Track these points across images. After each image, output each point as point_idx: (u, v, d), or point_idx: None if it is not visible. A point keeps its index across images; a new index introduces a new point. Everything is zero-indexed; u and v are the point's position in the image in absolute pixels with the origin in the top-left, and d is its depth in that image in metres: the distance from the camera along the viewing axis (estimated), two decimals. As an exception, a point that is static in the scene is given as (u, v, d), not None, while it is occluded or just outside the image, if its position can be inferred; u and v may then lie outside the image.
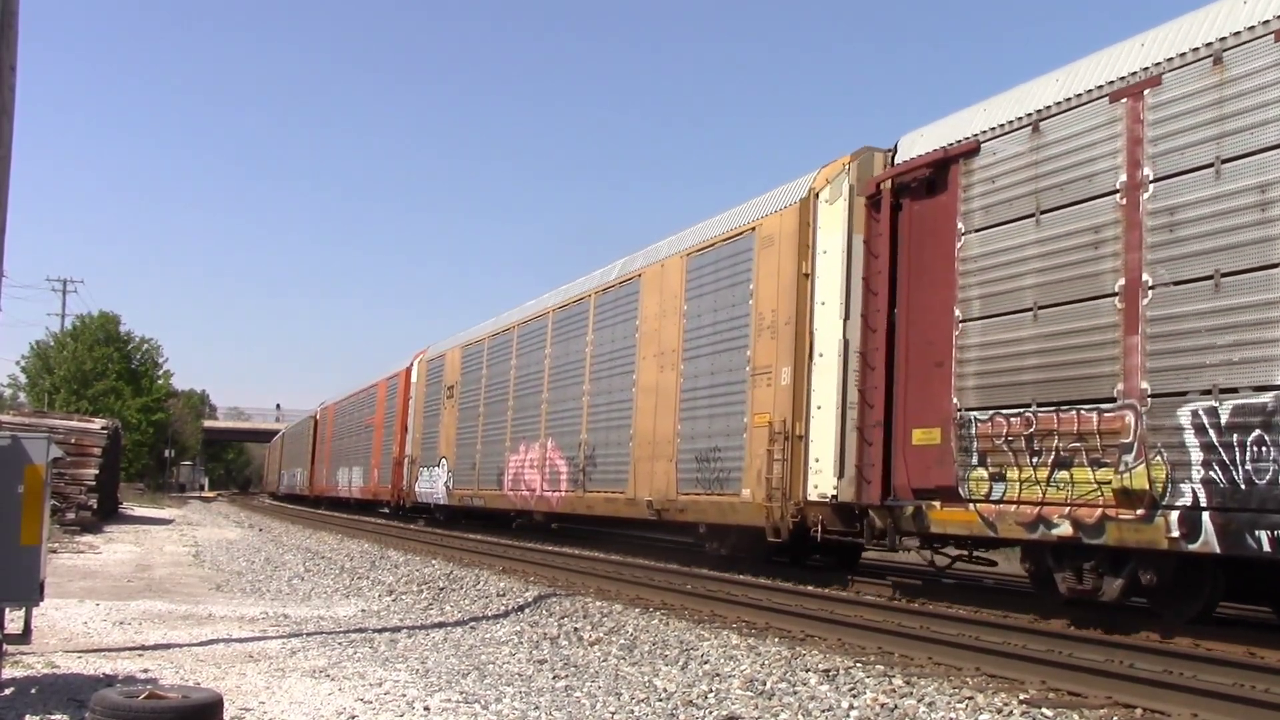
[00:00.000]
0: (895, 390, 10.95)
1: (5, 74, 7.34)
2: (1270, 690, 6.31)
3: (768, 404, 13.05)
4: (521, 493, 21.16)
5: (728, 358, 14.11)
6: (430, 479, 28.13)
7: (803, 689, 6.76)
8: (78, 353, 69.45)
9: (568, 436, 19.11)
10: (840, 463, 11.99)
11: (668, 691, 6.64)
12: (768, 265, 13.40)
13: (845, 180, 12.43)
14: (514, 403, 22.26)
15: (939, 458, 10.24)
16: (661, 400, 15.70)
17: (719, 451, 14.04)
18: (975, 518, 9.78)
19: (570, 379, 19.32)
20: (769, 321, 13.23)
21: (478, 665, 7.45)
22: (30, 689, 5.99)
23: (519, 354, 22.40)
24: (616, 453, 17.05)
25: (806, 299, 12.64)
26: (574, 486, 18.55)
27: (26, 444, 5.81)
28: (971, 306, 10.00)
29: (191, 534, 24.45)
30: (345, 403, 44.03)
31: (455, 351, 27.19)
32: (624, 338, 17.30)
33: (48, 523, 5.96)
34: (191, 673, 6.73)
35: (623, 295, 17.60)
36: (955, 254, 10.24)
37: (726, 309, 14.29)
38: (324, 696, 6.15)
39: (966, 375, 9.97)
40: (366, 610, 10.74)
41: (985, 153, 10.05)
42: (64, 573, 13.43)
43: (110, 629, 8.73)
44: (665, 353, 15.77)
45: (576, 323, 19.39)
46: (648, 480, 15.84)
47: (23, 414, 32.29)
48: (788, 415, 12.59)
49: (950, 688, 6.78)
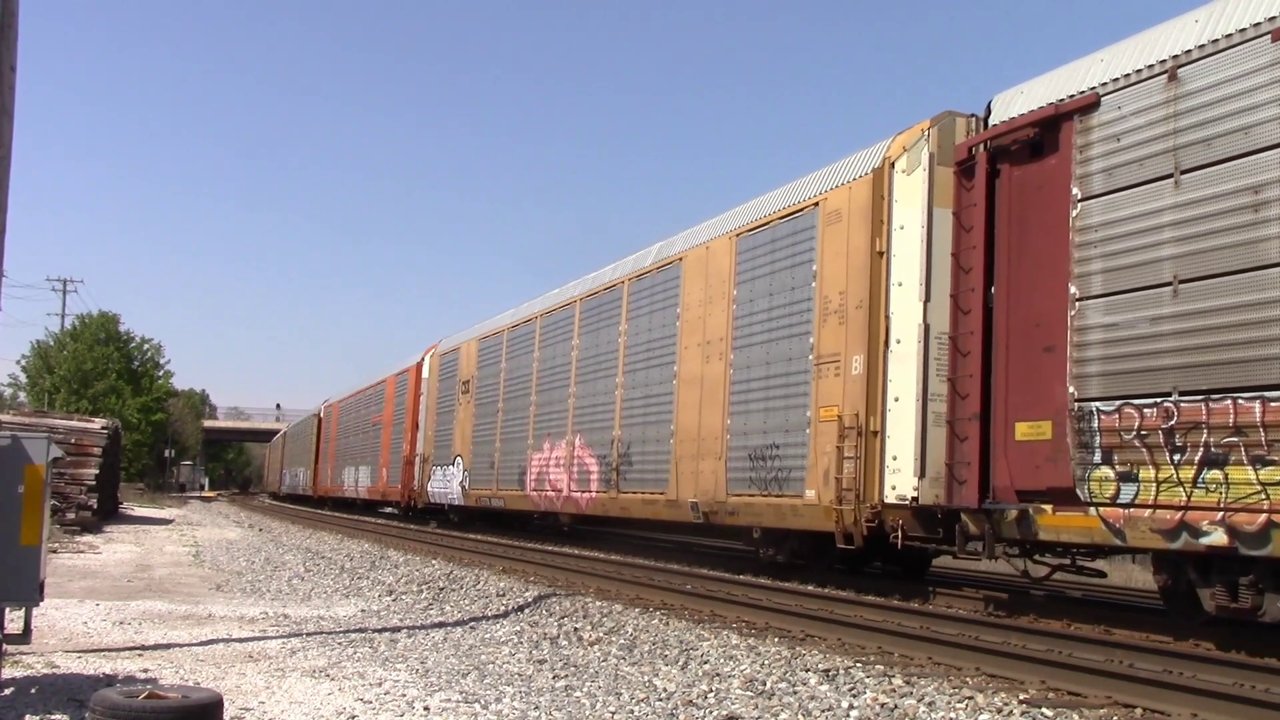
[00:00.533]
0: (993, 379, 9.73)
1: (5, 74, 7.41)
2: (1270, 690, 6.26)
3: (835, 396, 11.83)
4: (546, 493, 19.93)
5: (786, 346, 12.89)
6: (444, 478, 26.90)
7: (803, 689, 6.73)
8: (78, 352, 69.43)
9: (598, 433, 17.89)
10: (921, 461, 10.80)
11: (668, 691, 6.62)
12: (834, 243, 12.18)
13: (924, 148, 11.23)
14: (537, 397, 21.02)
15: (1050, 455, 9.02)
16: (708, 393, 14.48)
17: (776, 449, 12.82)
18: (1097, 523, 8.57)
19: (601, 371, 18.10)
20: (836, 305, 12.01)
21: (478, 665, 7.43)
22: (30, 689, 5.99)
23: (543, 345, 21.16)
24: (655, 450, 15.83)
25: (881, 280, 11.43)
26: (606, 487, 17.33)
27: (26, 444, 5.81)
28: (1092, 282, 8.78)
29: (191, 534, 24.29)
30: (351, 400, 42.76)
31: (471, 344, 25.95)
32: (663, 326, 16.08)
33: (48, 523, 5.94)
34: (191, 673, 6.72)
35: (660, 281, 16.37)
36: (1070, 223, 9.01)
37: (784, 293, 13.07)
38: (324, 696, 6.16)
39: (1086, 361, 8.75)
40: (366, 610, 10.65)
41: (1107, 107, 8.83)
42: (64, 573, 13.35)
43: (110, 629, 8.70)
44: (712, 341, 14.55)
45: (608, 311, 18.16)
46: (692, 480, 14.62)
47: (23, 414, 32.01)
48: (860, 408, 11.37)
49: (950, 687, 6.73)
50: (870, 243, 11.54)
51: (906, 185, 11.34)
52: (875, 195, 11.58)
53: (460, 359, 26.68)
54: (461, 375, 26.39)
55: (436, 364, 29.09)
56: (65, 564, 14.82)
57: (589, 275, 19.86)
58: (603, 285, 18.65)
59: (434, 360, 29.51)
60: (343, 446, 43.50)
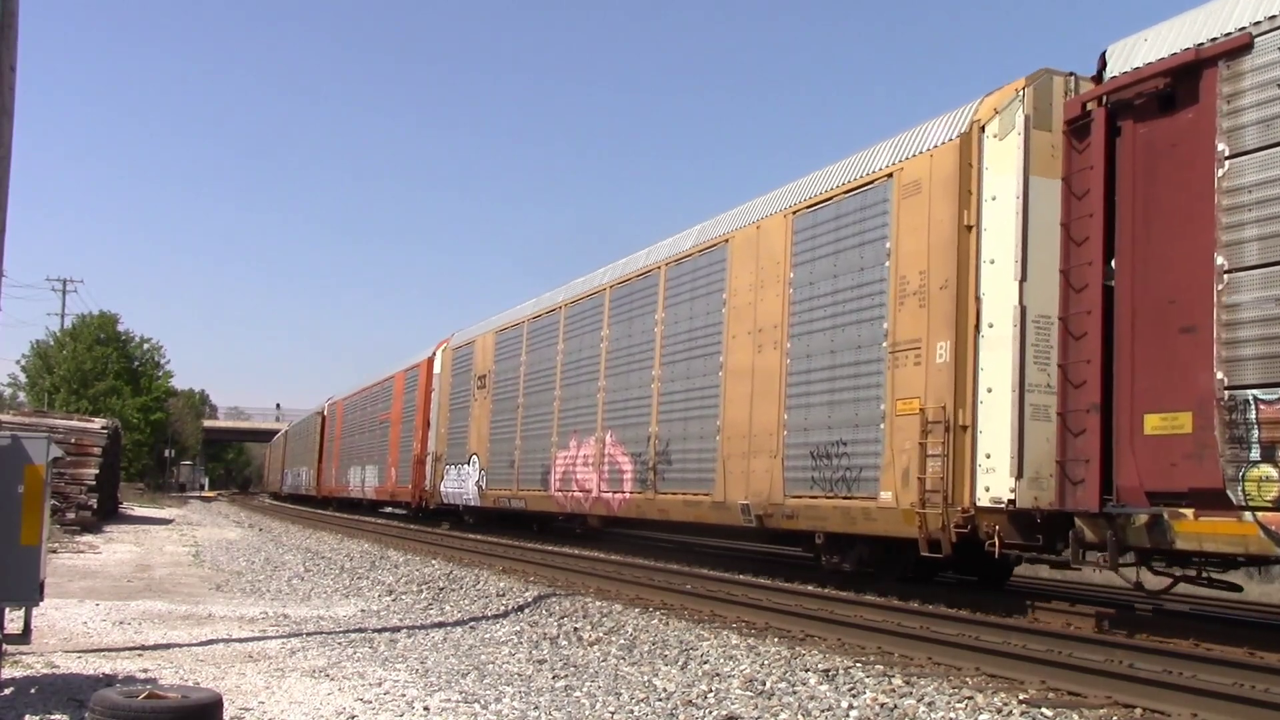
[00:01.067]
0: (1115, 365, 8.54)
1: (5, 74, 7.35)
2: (1270, 690, 6.24)
3: (915, 386, 10.65)
4: (573, 494, 18.73)
5: (854, 332, 11.71)
6: (458, 478, 25.69)
7: (802, 689, 6.71)
8: (77, 352, 69.91)
9: (632, 429, 16.70)
10: (1018, 459, 9.63)
11: (667, 691, 6.60)
12: (912, 218, 11.00)
13: (1019, 110, 10.06)
14: (562, 392, 19.82)
15: (1191, 451, 7.84)
16: (760, 385, 13.29)
17: (843, 446, 11.64)
18: (1254, 530, 7.39)
19: (635, 363, 16.90)
20: (915, 286, 10.83)
21: (477, 665, 7.41)
22: (30, 689, 5.98)
23: (567, 337, 19.96)
24: (698, 447, 14.64)
25: (969, 257, 10.26)
26: (641, 487, 16.14)
27: (26, 444, 5.80)
28: (1245, 252, 7.59)
29: (191, 534, 24.21)
30: (357, 397, 41.53)
31: (488, 337, 24.73)
32: (706, 314, 14.89)
33: (47, 523, 5.92)
34: (191, 673, 6.69)
35: (703, 265, 15.18)
36: (1215, 185, 7.83)
37: (851, 274, 11.89)
38: (324, 696, 6.13)
39: (1239, 342, 7.57)
40: (366, 610, 10.61)
41: (1263, 49, 7.64)
42: (64, 573, 13.31)
43: (110, 629, 8.66)
44: (764, 329, 13.36)
45: (642, 299, 16.97)
46: (742, 480, 13.43)
47: (23, 414, 32.01)
48: (947, 400, 10.19)
49: (950, 687, 6.69)
50: (956, 216, 10.36)
51: (998, 151, 10.16)
52: (962, 163, 10.40)
53: (475, 353, 25.47)
54: (477, 370, 25.19)
55: (449, 358, 27.88)
56: (65, 564, 14.76)
57: (619, 261, 18.66)
58: (635, 271, 17.45)
59: (446, 355, 28.30)
60: (348, 445, 42.27)
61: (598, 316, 18.57)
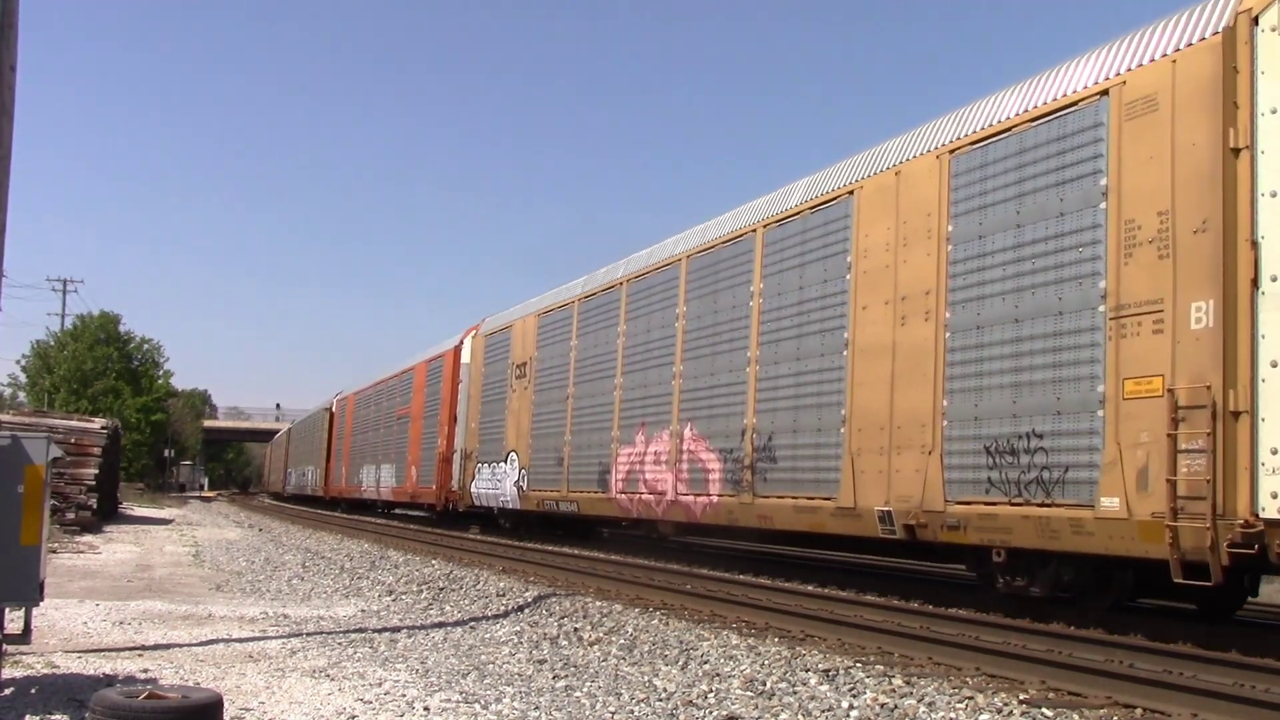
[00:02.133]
0: None
1: (5, 74, 7.46)
2: (1270, 690, 6.20)
3: (1157, 361, 8.20)
4: (641, 496, 16.25)
5: (1050, 295, 9.27)
6: (493, 478, 23.18)
7: (803, 689, 6.63)
8: (78, 352, 70.67)
9: (720, 421, 14.24)
10: (1320, 454, 7.17)
11: (668, 691, 6.53)
12: (1144, 143, 8.55)
13: (1307, -6, 7.59)
14: (624, 379, 17.35)
15: None
16: (905, 365, 10.84)
17: (1038, 439, 9.20)
18: None
19: (723, 345, 14.44)
20: (1152, 232, 8.38)
21: (477, 665, 7.35)
22: (30, 689, 5.95)
23: (630, 318, 17.46)
24: (814, 442, 12.18)
25: (1238, 190, 7.80)
26: (733, 489, 13.67)
27: (26, 444, 5.79)
28: None
29: (191, 534, 24.09)
30: (370, 391, 38.97)
31: (528, 321, 22.22)
32: (823, 282, 12.42)
33: (47, 523, 5.90)
34: (191, 673, 6.65)
35: (815, 224, 12.72)
36: None
37: (1042, 222, 9.44)
38: (324, 696, 6.08)
39: None
40: (366, 610, 10.56)
41: None
42: (64, 573, 13.26)
43: (110, 629, 8.63)
44: (910, 297, 10.90)
45: (730, 269, 14.50)
46: (880, 481, 10.97)
47: (23, 414, 31.97)
48: (1211, 377, 7.74)
49: (950, 688, 6.63)
50: (1220, 136, 7.91)
51: (1278, 49, 7.70)
52: (1226, 67, 7.95)
53: (513, 339, 22.96)
54: (515, 358, 22.69)
55: (480, 346, 25.36)
56: (65, 564, 14.73)
57: (695, 227, 16.20)
58: (719, 239, 14.97)
59: (476, 343, 25.77)
60: (360, 443, 39.72)
61: (672, 292, 16.09)
